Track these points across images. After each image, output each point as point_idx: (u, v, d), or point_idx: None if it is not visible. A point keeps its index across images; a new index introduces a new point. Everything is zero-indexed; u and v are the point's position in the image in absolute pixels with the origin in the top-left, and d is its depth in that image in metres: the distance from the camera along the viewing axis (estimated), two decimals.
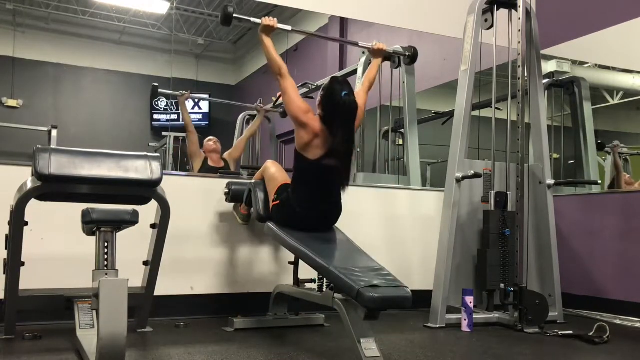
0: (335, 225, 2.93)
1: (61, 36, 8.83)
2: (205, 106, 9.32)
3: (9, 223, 2.34)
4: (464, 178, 3.42)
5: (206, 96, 8.41)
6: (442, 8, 4.41)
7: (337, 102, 2.69)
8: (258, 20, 2.95)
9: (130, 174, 2.18)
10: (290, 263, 3.12)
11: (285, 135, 7.73)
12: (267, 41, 2.95)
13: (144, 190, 2.29)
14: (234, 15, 2.93)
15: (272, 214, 2.89)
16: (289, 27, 3.12)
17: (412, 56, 3.42)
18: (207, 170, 5.02)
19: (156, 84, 5.08)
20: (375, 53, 3.29)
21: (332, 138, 2.72)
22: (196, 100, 9.20)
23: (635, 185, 4.33)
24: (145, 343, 2.67)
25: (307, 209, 2.77)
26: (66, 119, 8.57)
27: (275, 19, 2.96)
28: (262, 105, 5.73)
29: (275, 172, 3.01)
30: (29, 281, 2.54)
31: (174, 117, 9.20)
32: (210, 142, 5.25)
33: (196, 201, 3.40)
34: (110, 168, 2.16)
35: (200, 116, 9.28)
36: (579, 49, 4.42)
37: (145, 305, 2.78)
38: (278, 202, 2.84)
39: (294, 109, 2.79)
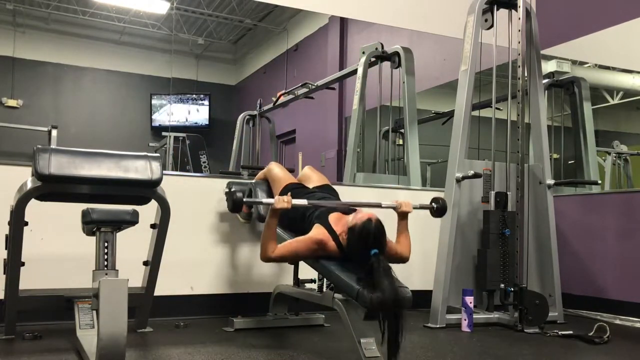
0: None
1: (61, 36, 8.82)
2: (205, 107, 9.31)
3: (9, 223, 2.34)
4: (464, 178, 3.42)
5: (204, 100, 8.28)
6: (442, 8, 4.41)
7: (363, 258, 2.29)
8: (271, 201, 2.51)
9: (130, 174, 2.18)
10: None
11: (285, 135, 7.73)
12: (272, 222, 2.51)
13: (144, 190, 2.29)
14: (244, 200, 2.57)
15: None
16: (305, 202, 2.56)
17: (440, 208, 2.81)
18: None
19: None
20: (400, 215, 2.71)
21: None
22: (198, 102, 9.21)
23: None
24: (145, 343, 2.67)
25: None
26: (66, 119, 8.56)
27: (290, 198, 2.48)
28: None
29: (279, 173, 3.00)
30: (29, 281, 2.54)
31: (174, 117, 9.21)
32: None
33: (196, 201, 3.40)
34: (110, 168, 2.16)
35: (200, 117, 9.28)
36: (579, 49, 4.42)
37: (145, 305, 2.78)
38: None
39: (306, 254, 2.51)
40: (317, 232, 2.50)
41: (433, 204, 2.81)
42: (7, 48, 8.37)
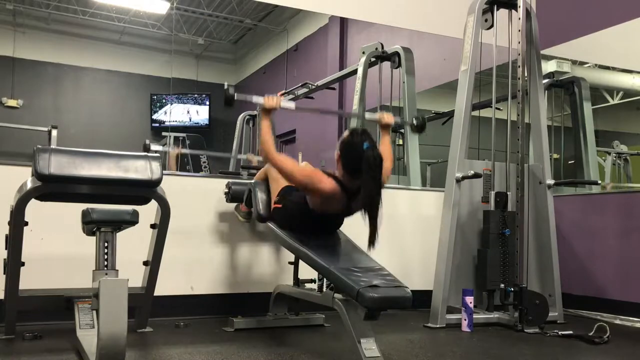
0: None
1: (61, 36, 8.83)
2: (205, 107, 9.31)
3: (9, 223, 2.34)
4: (464, 178, 3.42)
5: (204, 100, 8.32)
6: (442, 8, 4.41)
7: (359, 157, 2.39)
8: (260, 100, 2.69)
9: (130, 174, 2.18)
10: (290, 263, 3.12)
11: (285, 136, 7.74)
12: (266, 123, 2.68)
13: (144, 190, 2.29)
14: (235, 96, 2.70)
15: (273, 214, 2.88)
16: (292, 106, 2.82)
17: (419, 125, 3.08)
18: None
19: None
20: (383, 127, 2.93)
21: (348, 200, 2.54)
22: (198, 102, 9.20)
23: None
24: (145, 343, 2.67)
25: (309, 224, 2.74)
26: (66, 119, 8.57)
27: (279, 98, 2.68)
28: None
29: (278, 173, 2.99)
30: (29, 281, 2.54)
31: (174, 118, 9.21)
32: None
33: (196, 201, 3.40)
34: (110, 168, 2.16)
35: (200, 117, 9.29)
36: (579, 49, 4.42)
37: (145, 305, 2.78)
38: (280, 205, 2.82)
39: (299, 180, 2.57)
40: (314, 169, 2.66)
41: (414, 119, 3.08)
42: (7, 48, 8.37)
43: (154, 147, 5.48)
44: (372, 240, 2.43)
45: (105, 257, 2.37)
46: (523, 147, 3.41)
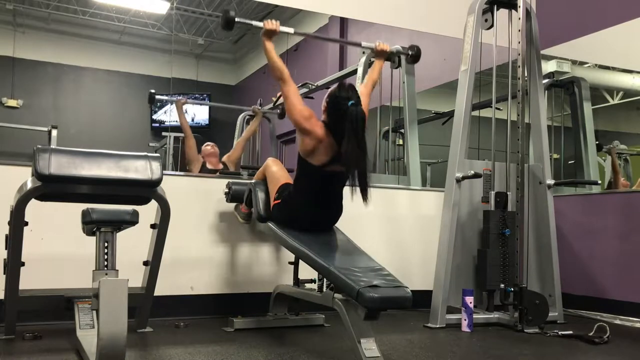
0: (336, 225, 2.93)
1: (61, 36, 8.82)
2: (205, 107, 9.31)
3: (9, 223, 2.34)
4: (464, 178, 3.42)
5: (204, 100, 8.39)
6: (442, 8, 4.41)
7: (343, 112, 2.57)
8: (260, 24, 2.88)
9: (130, 174, 2.18)
10: (290, 263, 3.12)
11: (285, 136, 7.72)
12: (269, 45, 2.89)
13: (144, 190, 2.29)
14: (236, 19, 2.90)
15: (273, 213, 2.89)
16: (291, 30, 3.06)
17: (415, 55, 3.35)
18: (206, 172, 5.04)
19: (152, 90, 4.96)
20: (378, 54, 3.21)
21: (338, 146, 2.64)
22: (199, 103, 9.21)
23: (633, 188, 4.33)
24: (145, 343, 2.67)
25: (308, 210, 2.76)
26: (66, 119, 8.56)
27: (278, 22, 2.89)
28: (259, 107, 5.73)
29: (277, 171, 3.00)
30: (29, 281, 2.54)
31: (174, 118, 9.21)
32: (208, 146, 5.33)
33: (196, 201, 3.40)
34: (110, 168, 2.16)
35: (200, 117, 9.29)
36: (579, 49, 4.42)
37: (145, 305, 2.78)
38: (279, 201, 2.84)
39: (296, 115, 2.73)
40: (310, 112, 2.78)
41: (409, 50, 3.36)
42: (7, 48, 8.37)
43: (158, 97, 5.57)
44: (364, 196, 2.57)
45: (105, 257, 2.37)
46: (523, 147, 3.41)
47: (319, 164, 2.70)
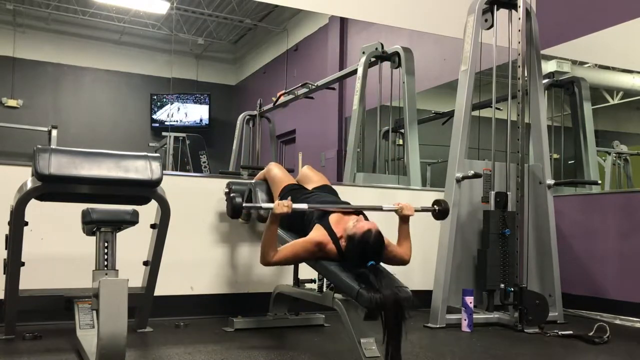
0: None
1: (61, 36, 8.82)
2: (205, 107, 9.32)
3: (9, 223, 2.34)
4: (464, 178, 3.42)
5: (204, 100, 8.31)
6: (442, 8, 4.41)
7: (359, 266, 2.32)
8: (270, 205, 2.49)
9: (130, 174, 2.18)
10: None
11: (285, 135, 7.73)
12: (273, 227, 2.48)
13: (144, 190, 2.29)
14: (244, 205, 2.52)
15: None
16: (305, 206, 2.59)
17: (443, 210, 2.79)
18: None
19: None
20: (402, 218, 2.69)
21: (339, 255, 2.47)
22: (200, 101, 9.22)
23: None
24: (145, 343, 2.67)
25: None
26: (66, 119, 8.56)
27: (290, 203, 2.47)
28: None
29: (278, 174, 3.00)
30: (29, 281, 2.54)
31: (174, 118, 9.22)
32: None
33: (196, 201, 3.40)
34: (110, 168, 2.16)
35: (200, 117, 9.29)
36: (579, 49, 4.42)
37: (145, 305, 2.78)
38: None
39: (306, 257, 2.51)
40: (317, 233, 2.50)
41: (435, 206, 2.80)
42: (7, 48, 8.37)
43: None
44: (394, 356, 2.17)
45: (105, 257, 2.37)
46: (523, 147, 3.41)
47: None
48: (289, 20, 7.93)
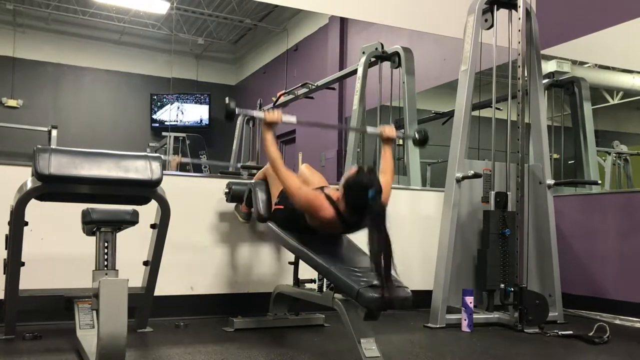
0: None
1: (61, 36, 8.83)
2: (205, 107, 9.32)
3: (9, 223, 2.34)
4: (464, 178, 3.42)
5: (205, 100, 8.36)
6: (442, 8, 4.41)
7: (363, 207, 2.33)
8: (261, 114, 2.71)
9: (130, 174, 2.18)
10: (290, 263, 3.12)
11: (285, 135, 7.74)
12: (269, 136, 2.68)
13: (144, 190, 2.29)
14: (236, 110, 2.74)
15: (275, 215, 2.88)
16: (294, 119, 2.83)
17: (421, 139, 3.02)
18: None
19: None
20: (385, 140, 2.90)
21: (344, 229, 2.56)
22: (200, 101, 9.22)
23: None
24: (145, 343, 2.67)
25: (309, 229, 2.73)
26: (66, 119, 8.57)
27: (280, 112, 2.69)
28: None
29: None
30: (29, 281, 2.53)
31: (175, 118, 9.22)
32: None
33: (196, 201, 3.40)
34: (110, 168, 2.16)
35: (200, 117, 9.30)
36: (579, 49, 4.42)
37: (145, 305, 2.78)
38: (282, 207, 2.82)
39: (300, 201, 2.56)
40: (316, 194, 2.56)
41: (416, 133, 3.02)
42: (7, 48, 8.38)
43: None
44: (388, 292, 2.21)
45: (105, 257, 2.37)
46: (523, 147, 3.41)
47: (318, 229, 2.62)
48: (289, 20, 7.93)
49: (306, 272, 2.91)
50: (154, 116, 9.29)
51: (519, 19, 3.47)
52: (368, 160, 5.16)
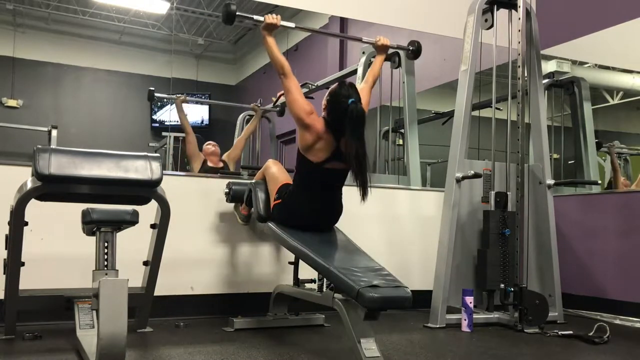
0: (336, 225, 2.93)
1: (61, 36, 8.82)
2: (205, 107, 9.32)
3: (9, 223, 2.34)
4: (464, 178, 3.42)
5: (205, 99, 8.40)
6: (442, 8, 4.41)
7: (343, 110, 2.60)
8: (261, 18, 2.87)
9: (130, 174, 2.18)
10: (290, 263, 3.12)
11: (285, 135, 7.73)
12: (270, 40, 2.86)
13: (144, 190, 2.29)
14: (237, 13, 2.89)
15: (273, 213, 2.89)
16: (292, 24, 3.05)
17: (415, 50, 3.36)
18: (206, 171, 5.06)
19: (152, 88, 5.06)
20: (379, 49, 3.21)
21: (337, 143, 2.69)
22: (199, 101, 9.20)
23: (632, 187, 4.34)
24: (145, 343, 2.67)
25: (308, 209, 2.77)
26: (66, 119, 8.56)
27: (279, 16, 2.89)
28: (259, 105, 5.75)
29: (277, 172, 3.00)
30: (29, 281, 2.54)
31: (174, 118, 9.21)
32: (210, 145, 5.36)
33: (196, 201, 3.40)
34: (110, 168, 2.16)
35: (200, 117, 9.29)
36: (579, 49, 4.42)
37: (145, 305, 2.78)
38: (279, 201, 2.84)
39: (297, 109, 2.74)
40: (311, 107, 2.79)
41: (409, 46, 3.33)
42: (7, 48, 8.36)
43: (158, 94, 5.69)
44: (364, 193, 2.63)
45: (105, 257, 2.37)
46: (523, 147, 3.41)
47: (318, 160, 2.71)
48: (289, 20, 7.93)
49: (306, 272, 2.91)
50: (154, 116, 9.28)
51: (519, 19, 3.47)
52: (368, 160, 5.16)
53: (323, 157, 2.71)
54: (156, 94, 5.33)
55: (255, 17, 2.92)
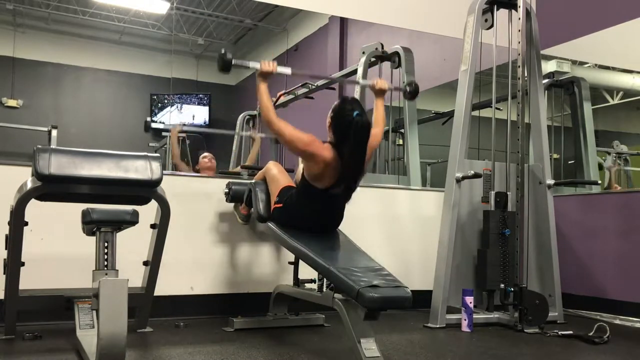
0: None
1: (61, 36, 8.83)
2: (205, 108, 9.32)
3: (9, 223, 2.34)
4: (464, 178, 3.42)
5: (205, 101, 8.40)
6: (442, 8, 4.41)
7: (349, 123, 2.52)
8: (257, 65, 2.75)
9: (130, 174, 2.18)
10: (290, 263, 3.12)
11: None
12: (263, 87, 2.72)
13: (144, 190, 2.29)
14: (233, 62, 2.72)
15: (274, 215, 2.88)
16: (288, 70, 2.91)
17: (412, 91, 3.15)
18: None
19: (148, 119, 5.08)
20: (377, 92, 3.04)
21: (342, 161, 2.58)
22: (200, 102, 9.22)
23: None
24: (145, 343, 2.67)
25: (310, 219, 2.75)
26: (66, 119, 8.57)
27: (275, 63, 2.75)
28: (256, 132, 5.75)
29: (277, 174, 3.00)
30: (29, 281, 2.54)
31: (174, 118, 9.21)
32: (206, 159, 5.29)
33: (196, 201, 3.40)
34: (110, 168, 2.16)
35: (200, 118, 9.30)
36: (579, 49, 4.42)
37: (145, 305, 2.78)
38: (281, 205, 2.83)
39: (297, 146, 2.63)
40: (313, 137, 2.66)
41: (407, 86, 3.16)
42: (7, 48, 8.37)
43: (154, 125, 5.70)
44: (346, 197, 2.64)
45: (105, 257, 2.37)
46: (523, 147, 3.41)
47: (324, 186, 2.65)
48: (289, 20, 7.93)
49: (306, 272, 2.91)
50: (155, 118, 9.28)
51: (519, 19, 3.47)
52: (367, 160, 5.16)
53: (329, 184, 2.64)
54: (152, 124, 5.33)
55: (251, 64, 2.82)
